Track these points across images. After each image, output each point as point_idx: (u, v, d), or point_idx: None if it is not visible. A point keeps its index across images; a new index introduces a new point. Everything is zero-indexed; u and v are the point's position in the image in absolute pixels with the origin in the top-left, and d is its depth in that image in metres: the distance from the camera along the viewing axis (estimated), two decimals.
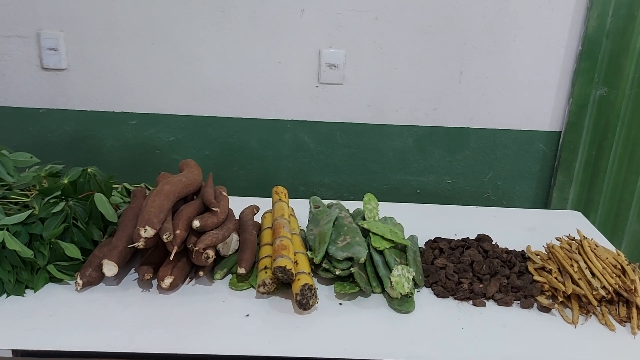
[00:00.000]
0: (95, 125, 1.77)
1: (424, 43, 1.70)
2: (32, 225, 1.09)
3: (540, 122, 1.78)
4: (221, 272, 1.17)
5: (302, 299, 1.05)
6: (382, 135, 1.80)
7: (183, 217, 1.12)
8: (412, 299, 1.10)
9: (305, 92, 1.75)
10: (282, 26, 1.68)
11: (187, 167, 1.28)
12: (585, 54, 1.66)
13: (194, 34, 1.68)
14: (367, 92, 1.75)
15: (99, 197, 1.16)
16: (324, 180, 1.85)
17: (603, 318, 1.08)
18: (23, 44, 1.68)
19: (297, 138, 1.80)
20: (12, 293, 1.07)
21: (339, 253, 1.13)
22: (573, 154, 1.76)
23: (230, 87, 1.74)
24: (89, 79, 1.72)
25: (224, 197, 1.22)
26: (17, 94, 1.74)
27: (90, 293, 1.10)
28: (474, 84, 1.74)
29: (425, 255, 1.25)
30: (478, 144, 1.80)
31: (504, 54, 1.71)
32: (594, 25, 1.63)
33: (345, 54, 1.70)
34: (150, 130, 1.78)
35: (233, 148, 1.81)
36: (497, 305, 1.13)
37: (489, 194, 1.86)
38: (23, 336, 0.97)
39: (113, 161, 1.80)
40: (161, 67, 1.72)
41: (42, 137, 1.78)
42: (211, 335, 0.99)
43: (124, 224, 1.15)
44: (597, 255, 1.16)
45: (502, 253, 1.26)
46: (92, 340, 0.96)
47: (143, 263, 1.13)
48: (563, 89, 1.74)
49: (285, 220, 1.23)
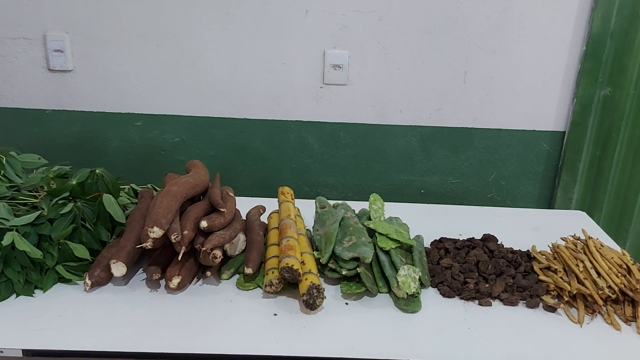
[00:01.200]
0: (100, 126, 1.78)
1: (428, 43, 1.70)
2: (41, 226, 1.10)
3: (545, 122, 1.78)
4: (228, 272, 1.17)
5: (309, 299, 1.06)
6: (386, 136, 1.80)
7: (190, 218, 1.13)
8: (418, 298, 1.11)
9: (309, 92, 1.75)
10: (286, 27, 1.68)
11: (194, 167, 1.29)
12: (590, 54, 1.67)
13: (198, 35, 1.69)
14: (371, 92, 1.75)
15: (107, 197, 1.17)
16: (328, 181, 1.85)
17: (609, 317, 1.09)
18: (29, 45, 1.69)
19: (301, 138, 1.80)
20: (22, 293, 1.08)
21: (345, 253, 1.14)
22: (577, 153, 1.76)
23: (235, 88, 1.75)
24: (94, 80, 1.73)
25: (230, 198, 1.22)
26: (23, 96, 1.75)
27: (98, 293, 1.11)
28: (478, 84, 1.74)
29: (431, 255, 1.25)
30: (482, 144, 1.81)
31: (508, 54, 1.71)
32: (598, 25, 1.64)
33: (349, 54, 1.71)
34: (155, 131, 1.79)
35: (237, 149, 1.81)
36: (503, 305, 1.13)
37: (493, 194, 1.86)
38: (33, 336, 0.97)
39: (118, 162, 1.81)
40: (166, 68, 1.72)
41: (48, 138, 1.78)
42: (218, 335, 1.00)
43: (131, 224, 1.16)
44: (603, 255, 1.17)
45: (508, 253, 1.26)
46: (101, 340, 0.97)
47: (151, 263, 1.13)
48: (567, 89, 1.75)
49: (291, 220, 1.24)
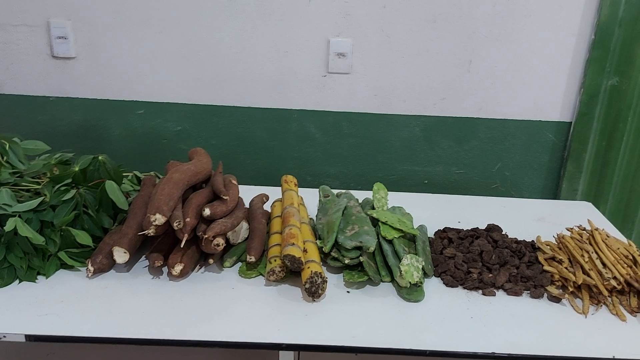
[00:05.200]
0: (103, 113, 1.77)
1: (433, 32, 1.68)
2: (43, 212, 1.10)
3: (550, 112, 1.76)
4: (230, 260, 1.17)
5: (311, 287, 1.05)
6: (389, 125, 1.79)
7: (193, 205, 1.12)
8: (421, 288, 1.10)
9: (312, 81, 1.74)
10: (290, 14, 1.67)
11: (196, 155, 1.28)
12: (597, 42, 1.64)
13: (201, 23, 1.68)
14: (375, 81, 1.74)
15: (109, 184, 1.16)
16: (330, 170, 1.84)
17: (614, 308, 1.08)
18: (32, 32, 1.68)
19: (303, 128, 1.79)
20: (24, 279, 1.08)
21: (348, 242, 1.13)
22: (583, 144, 1.74)
23: (238, 76, 1.74)
24: (97, 67, 1.72)
25: (233, 186, 1.22)
26: (26, 83, 1.74)
27: (101, 280, 1.11)
28: (483, 73, 1.73)
29: (435, 244, 1.25)
30: (487, 134, 1.79)
31: (514, 42, 1.69)
32: (607, 13, 1.61)
33: (353, 43, 1.69)
34: (157, 119, 1.78)
35: (239, 137, 1.80)
36: (507, 294, 1.12)
37: (498, 185, 1.85)
38: (35, 321, 0.98)
39: (120, 150, 1.80)
40: (169, 55, 1.71)
41: (51, 125, 1.78)
42: (220, 323, 1.00)
43: (134, 211, 1.16)
44: (609, 246, 1.16)
45: (512, 243, 1.25)
46: (102, 326, 0.97)
47: (153, 250, 1.13)
48: (574, 78, 1.73)
49: (294, 209, 1.23)
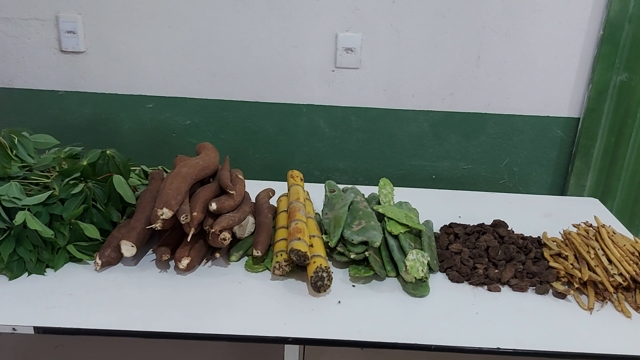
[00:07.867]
0: (112, 108, 1.78)
1: (441, 27, 1.68)
2: (53, 205, 1.11)
3: (559, 108, 1.75)
4: (237, 254, 1.18)
5: (317, 282, 1.06)
6: (398, 120, 1.79)
7: (200, 200, 1.13)
8: (426, 283, 1.11)
9: (321, 76, 1.74)
10: (299, 9, 1.67)
11: (204, 150, 1.29)
12: (607, 38, 1.63)
13: (210, 17, 1.68)
14: (383, 76, 1.74)
15: (117, 178, 1.17)
16: (338, 165, 1.85)
17: (619, 305, 1.08)
18: (41, 26, 1.69)
19: (312, 122, 1.80)
20: (33, 272, 1.09)
21: (354, 237, 1.14)
22: (591, 140, 1.73)
23: (246, 71, 1.74)
24: (106, 61, 1.73)
25: (240, 180, 1.22)
26: (35, 77, 1.76)
27: (109, 273, 1.12)
28: (492, 69, 1.72)
29: (440, 240, 1.25)
30: (495, 130, 1.79)
31: (523, 38, 1.68)
32: (616, 9, 1.60)
33: (362, 37, 1.69)
34: (166, 113, 1.79)
35: (248, 132, 1.81)
36: (512, 290, 1.12)
37: (505, 180, 1.84)
38: (44, 314, 0.99)
39: (130, 144, 1.82)
40: (177, 50, 1.72)
41: (61, 119, 1.79)
42: (227, 316, 1.01)
43: (142, 205, 1.17)
44: (615, 242, 1.15)
45: (518, 239, 1.25)
46: (110, 319, 0.98)
47: (161, 244, 1.14)
48: (583, 74, 1.71)
49: (300, 203, 1.23)
